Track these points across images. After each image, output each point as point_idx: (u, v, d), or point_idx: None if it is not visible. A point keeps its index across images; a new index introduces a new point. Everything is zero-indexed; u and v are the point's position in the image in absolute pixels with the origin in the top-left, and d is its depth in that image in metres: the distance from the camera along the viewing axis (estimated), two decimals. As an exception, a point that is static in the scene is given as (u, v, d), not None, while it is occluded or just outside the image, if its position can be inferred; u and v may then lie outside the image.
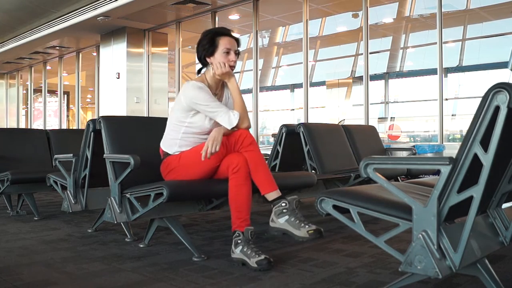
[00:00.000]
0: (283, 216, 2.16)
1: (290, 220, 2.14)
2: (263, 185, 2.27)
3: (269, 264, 2.11)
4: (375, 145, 4.64)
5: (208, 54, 2.44)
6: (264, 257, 2.12)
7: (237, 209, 2.23)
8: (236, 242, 2.21)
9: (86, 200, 2.99)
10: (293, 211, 2.16)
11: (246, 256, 2.15)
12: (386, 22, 9.35)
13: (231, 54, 2.43)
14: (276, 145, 4.05)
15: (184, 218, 3.60)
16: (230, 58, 2.42)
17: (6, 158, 4.01)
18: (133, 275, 2.07)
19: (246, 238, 2.19)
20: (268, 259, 2.12)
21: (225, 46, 2.41)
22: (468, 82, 8.54)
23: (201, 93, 2.39)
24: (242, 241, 2.19)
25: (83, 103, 14.49)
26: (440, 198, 1.41)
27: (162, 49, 10.00)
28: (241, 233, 2.20)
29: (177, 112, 2.47)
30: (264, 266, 2.10)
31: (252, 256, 2.13)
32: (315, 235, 2.09)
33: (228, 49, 2.42)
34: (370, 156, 1.57)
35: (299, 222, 2.13)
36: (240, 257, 2.18)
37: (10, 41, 10.96)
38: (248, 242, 2.18)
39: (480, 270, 1.59)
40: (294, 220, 2.14)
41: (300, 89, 7.67)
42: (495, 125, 1.33)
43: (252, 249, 2.16)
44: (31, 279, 2.03)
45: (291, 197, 2.22)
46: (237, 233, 2.21)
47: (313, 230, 2.09)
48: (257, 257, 2.12)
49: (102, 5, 8.09)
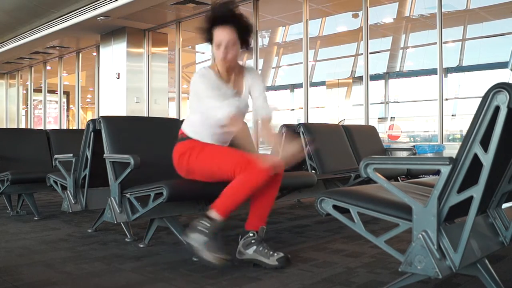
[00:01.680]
0: (251, 247, 2.17)
1: (258, 250, 2.15)
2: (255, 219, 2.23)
3: (288, 261, 2.14)
4: (375, 145, 4.64)
5: (208, 42, 2.30)
6: (283, 254, 2.13)
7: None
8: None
9: (86, 200, 3.00)
10: (261, 241, 2.17)
11: (262, 256, 2.14)
12: (386, 22, 9.35)
13: (222, 48, 2.23)
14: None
15: (184, 218, 3.60)
16: (220, 51, 2.23)
17: (6, 158, 4.01)
18: (133, 275, 2.07)
19: (260, 237, 2.19)
20: (286, 255, 2.14)
21: (216, 39, 2.24)
22: (468, 82, 8.54)
23: (202, 82, 2.25)
24: (256, 241, 2.18)
25: (83, 103, 14.50)
26: (440, 198, 1.41)
27: (162, 49, 10.00)
28: (256, 233, 2.20)
29: (191, 100, 2.38)
30: (283, 262, 2.11)
31: (270, 254, 2.13)
32: (284, 262, 2.11)
33: (219, 41, 2.23)
34: (370, 156, 1.57)
35: (267, 251, 2.14)
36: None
37: (10, 41, 10.96)
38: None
39: (480, 270, 1.59)
40: (263, 249, 2.15)
41: (300, 89, 7.67)
42: (495, 125, 1.33)
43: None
44: (31, 279, 2.02)
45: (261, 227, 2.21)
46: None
47: (281, 257, 2.11)
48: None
49: (102, 5, 8.09)
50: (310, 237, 2.87)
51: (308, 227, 3.25)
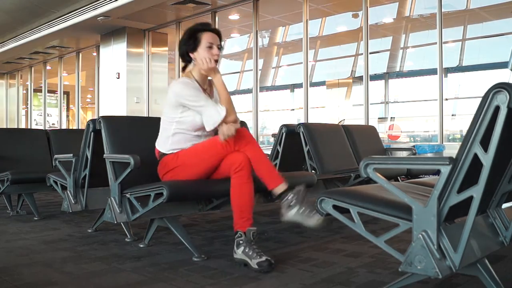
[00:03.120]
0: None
1: (245, 251, 2.16)
2: (268, 181, 2.28)
3: (270, 265, 2.10)
4: (375, 145, 4.64)
5: (191, 49, 2.46)
6: (265, 259, 2.11)
7: (240, 209, 2.23)
8: (238, 242, 2.20)
9: (86, 200, 2.99)
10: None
11: (247, 257, 2.14)
12: (386, 22, 9.35)
13: (214, 49, 2.44)
14: (276, 145, 4.05)
15: (184, 218, 3.60)
16: (213, 52, 2.43)
17: (6, 158, 4.01)
18: (133, 275, 2.07)
19: (248, 238, 2.18)
20: (269, 260, 2.11)
21: (208, 41, 2.44)
22: (468, 82, 8.54)
23: (188, 88, 2.40)
24: (244, 242, 2.18)
25: (83, 103, 14.49)
26: (440, 198, 1.41)
27: (162, 49, 10.00)
28: (243, 234, 2.19)
29: (167, 110, 2.48)
30: (265, 267, 2.08)
31: (253, 257, 2.12)
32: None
33: (211, 43, 2.44)
34: (370, 156, 1.57)
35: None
36: (242, 258, 2.17)
37: (10, 41, 10.96)
38: (250, 243, 2.17)
39: (480, 270, 1.59)
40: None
41: (300, 89, 7.67)
42: (495, 125, 1.33)
43: (254, 250, 2.14)
44: (31, 279, 2.02)
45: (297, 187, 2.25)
46: (239, 234, 2.20)
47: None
48: (258, 258, 2.11)
49: (102, 5, 8.09)
50: (310, 237, 2.87)
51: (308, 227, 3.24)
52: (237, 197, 2.23)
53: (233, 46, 11.30)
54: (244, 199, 2.23)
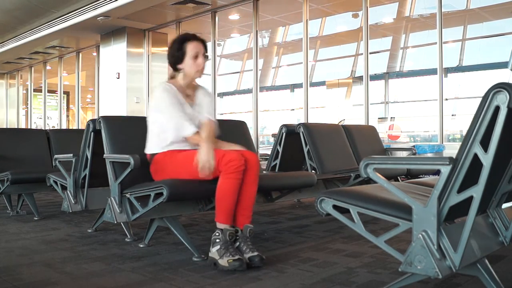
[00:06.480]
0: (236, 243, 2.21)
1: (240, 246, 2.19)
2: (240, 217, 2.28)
3: (262, 260, 2.15)
4: (375, 145, 4.64)
5: (178, 61, 2.51)
6: (256, 253, 2.16)
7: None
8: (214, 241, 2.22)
9: (86, 200, 2.99)
10: (245, 239, 2.21)
11: (219, 255, 2.16)
12: (386, 22, 9.35)
13: (200, 58, 2.50)
14: (276, 145, 4.06)
15: (184, 218, 3.60)
16: (199, 62, 2.50)
17: (6, 158, 4.01)
18: (133, 275, 2.07)
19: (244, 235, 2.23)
20: (260, 256, 2.16)
21: (193, 51, 2.49)
22: (468, 82, 8.55)
23: (166, 95, 2.44)
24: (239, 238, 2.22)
25: (83, 103, 14.48)
26: (440, 198, 1.41)
27: (162, 49, 9.99)
28: (240, 230, 2.24)
29: (150, 113, 2.54)
30: (258, 263, 2.14)
31: (246, 252, 2.17)
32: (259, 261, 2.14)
33: (196, 52, 2.49)
34: (370, 156, 1.57)
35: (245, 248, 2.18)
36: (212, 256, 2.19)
37: (10, 41, 10.96)
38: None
39: (480, 270, 1.59)
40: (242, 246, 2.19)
41: (300, 89, 7.66)
42: (495, 125, 1.33)
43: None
44: (31, 279, 2.03)
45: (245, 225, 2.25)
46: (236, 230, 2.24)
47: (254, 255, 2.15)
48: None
49: (102, 5, 8.08)
50: (310, 237, 2.87)
51: (308, 227, 3.25)
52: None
53: (233, 46, 11.30)
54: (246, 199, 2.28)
